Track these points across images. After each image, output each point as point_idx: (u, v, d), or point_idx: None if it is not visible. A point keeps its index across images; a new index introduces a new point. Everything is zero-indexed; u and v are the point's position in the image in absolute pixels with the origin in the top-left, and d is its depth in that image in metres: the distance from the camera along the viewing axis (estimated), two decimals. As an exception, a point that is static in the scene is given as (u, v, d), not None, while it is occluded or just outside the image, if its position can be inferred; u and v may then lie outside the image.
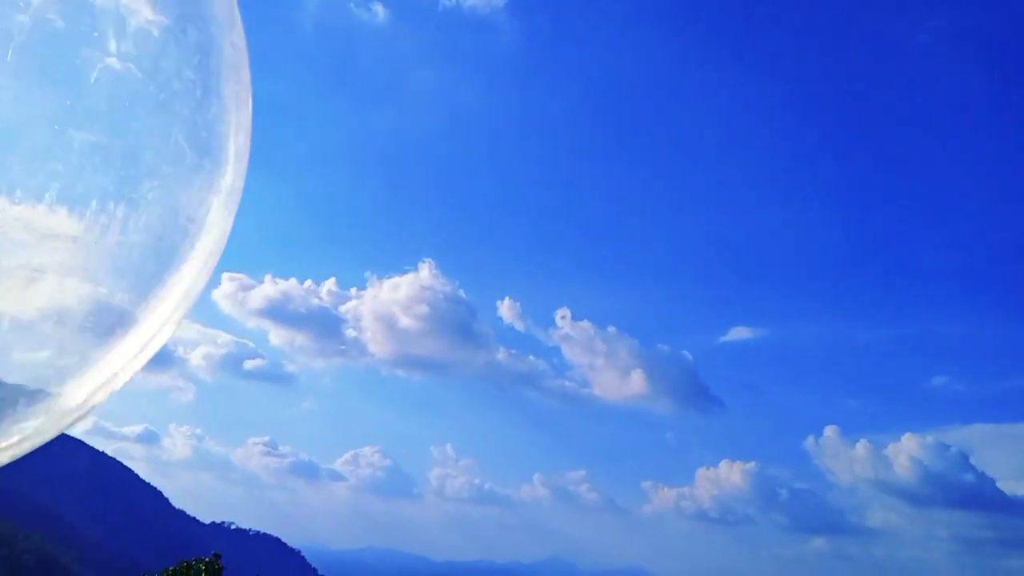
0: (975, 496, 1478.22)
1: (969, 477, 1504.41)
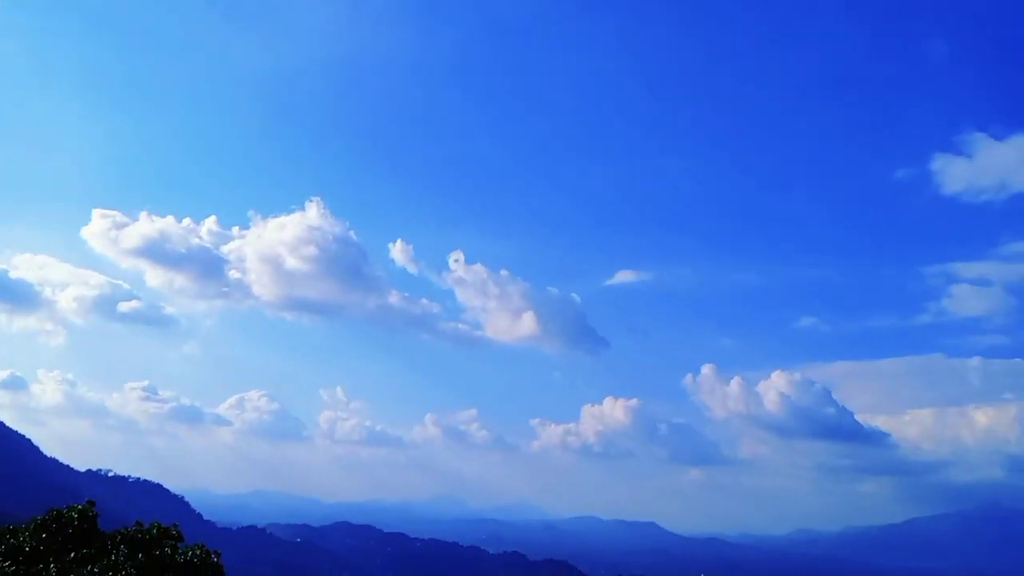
0: (835, 428, 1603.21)
1: (831, 411, 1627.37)
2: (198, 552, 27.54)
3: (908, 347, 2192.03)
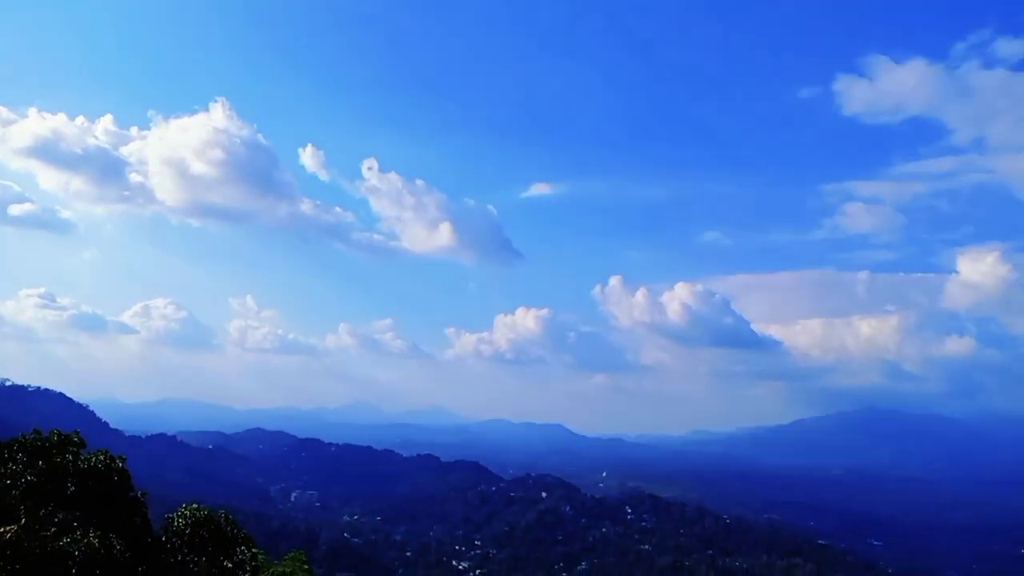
0: (733, 336, 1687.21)
1: (729, 320, 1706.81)
2: (101, 458, 26.74)
3: (803, 261, 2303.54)
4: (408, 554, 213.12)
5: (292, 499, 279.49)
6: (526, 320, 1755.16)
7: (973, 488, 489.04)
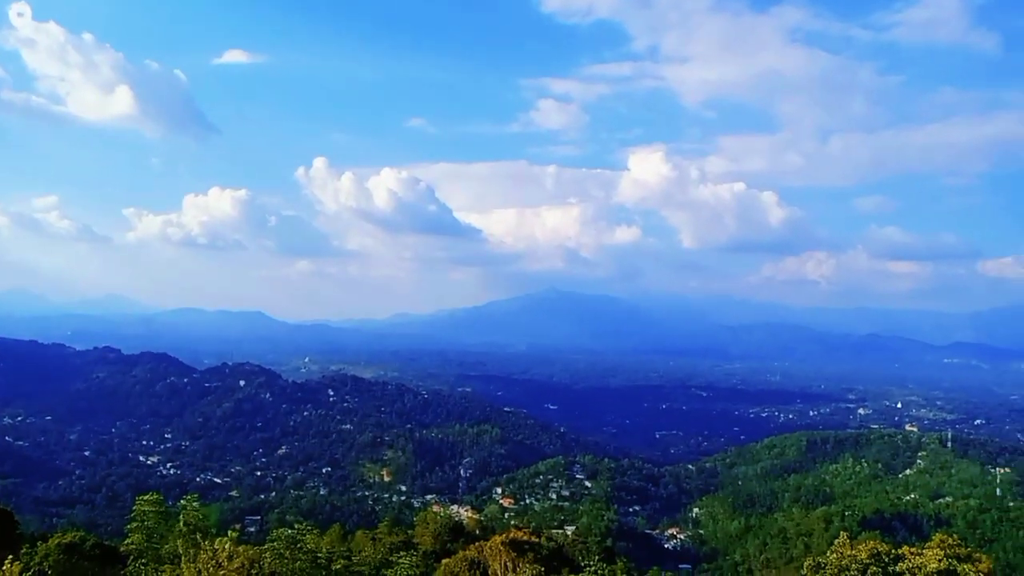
0: (436, 223, 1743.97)
1: (433, 208, 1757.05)
2: None
3: (500, 152, 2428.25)
4: (86, 454, 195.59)
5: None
6: (221, 202, 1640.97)
7: (631, 357, 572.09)
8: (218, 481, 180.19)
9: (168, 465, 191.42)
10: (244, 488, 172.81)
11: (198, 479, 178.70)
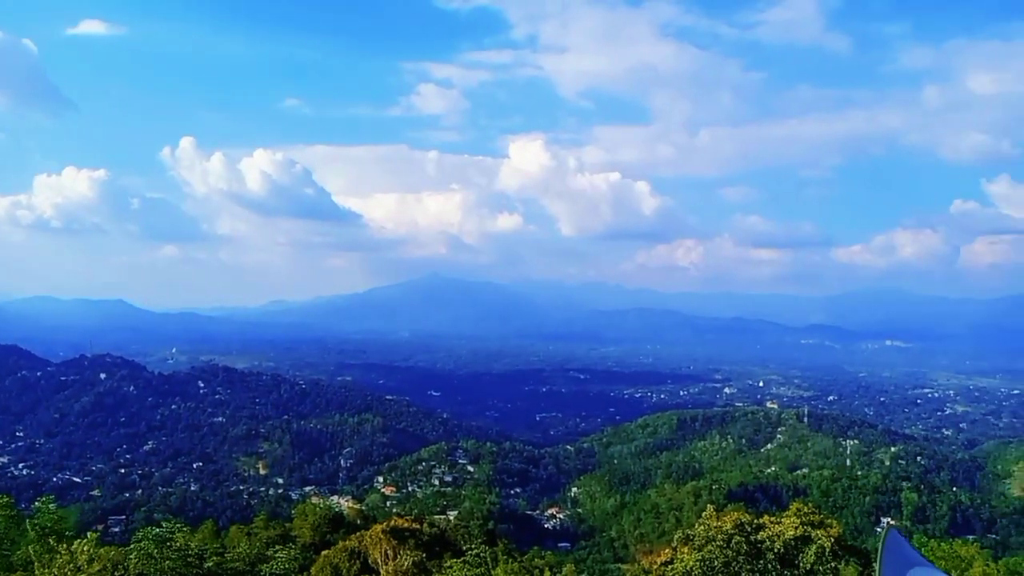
0: (314, 207, 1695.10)
1: (310, 191, 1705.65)
2: None
3: (380, 136, 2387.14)
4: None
5: None
6: (77, 182, 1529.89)
7: (513, 342, 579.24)
8: (78, 480, 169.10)
9: (20, 465, 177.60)
10: (107, 487, 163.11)
11: (55, 479, 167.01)
